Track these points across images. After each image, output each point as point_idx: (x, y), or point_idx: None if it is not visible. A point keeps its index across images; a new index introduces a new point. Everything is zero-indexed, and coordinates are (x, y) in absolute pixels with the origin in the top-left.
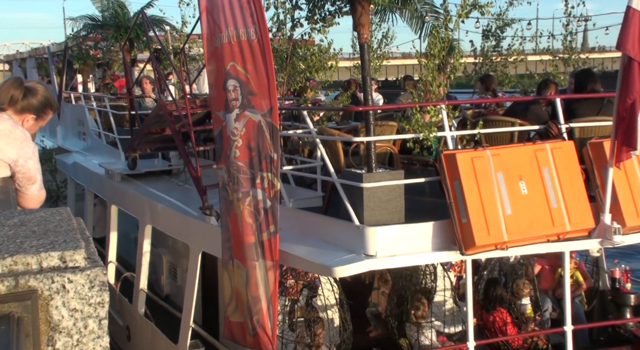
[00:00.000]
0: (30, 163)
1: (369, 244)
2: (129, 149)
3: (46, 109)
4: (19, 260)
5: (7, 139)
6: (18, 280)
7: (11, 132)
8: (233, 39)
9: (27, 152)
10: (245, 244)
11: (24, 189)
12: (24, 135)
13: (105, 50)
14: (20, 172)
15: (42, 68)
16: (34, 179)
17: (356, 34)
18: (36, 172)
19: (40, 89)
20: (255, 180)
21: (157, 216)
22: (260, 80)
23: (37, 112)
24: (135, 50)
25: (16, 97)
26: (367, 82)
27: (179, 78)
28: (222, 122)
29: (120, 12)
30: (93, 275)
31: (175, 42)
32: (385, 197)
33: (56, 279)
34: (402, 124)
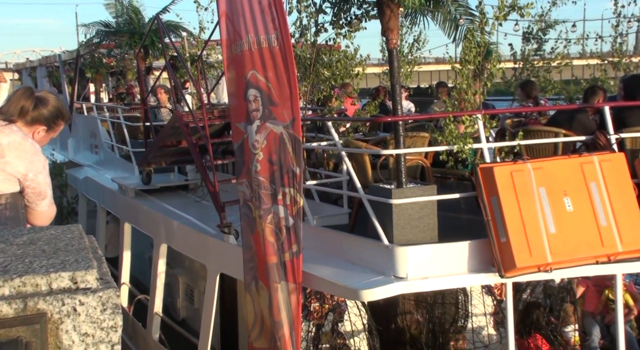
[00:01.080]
0: (40, 177)
1: (399, 265)
2: (143, 162)
3: (57, 119)
4: (27, 281)
5: (16, 152)
6: (27, 303)
7: (21, 145)
8: (253, 45)
9: (37, 165)
10: (268, 264)
11: (33, 204)
12: (34, 148)
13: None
14: (29, 187)
15: (53, 77)
16: (44, 194)
17: (384, 39)
18: (46, 187)
19: (51, 98)
20: (276, 197)
21: (173, 235)
22: (282, 90)
23: (48, 123)
24: (151, 58)
25: (27, 108)
26: (396, 90)
27: (196, 87)
28: (243, 134)
29: (135, 17)
30: (105, 298)
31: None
32: (416, 215)
33: (67, 302)
34: (434, 135)
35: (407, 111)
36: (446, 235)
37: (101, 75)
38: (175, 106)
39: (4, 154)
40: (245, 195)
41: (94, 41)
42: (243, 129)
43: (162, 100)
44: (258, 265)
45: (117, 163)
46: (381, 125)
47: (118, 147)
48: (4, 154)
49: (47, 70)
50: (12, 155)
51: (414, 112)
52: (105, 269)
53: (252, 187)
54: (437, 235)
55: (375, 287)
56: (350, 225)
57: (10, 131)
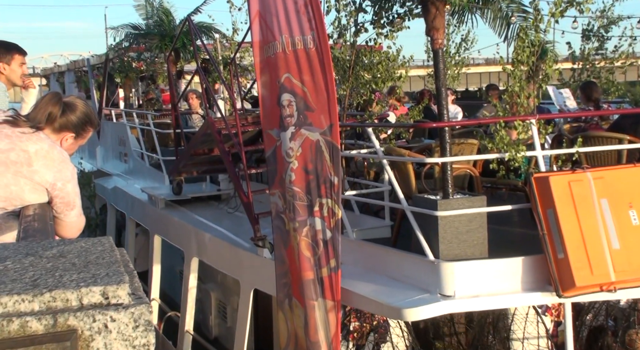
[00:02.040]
0: (69, 186)
1: (445, 283)
2: (173, 171)
3: (86, 126)
4: (57, 296)
5: (44, 160)
6: (57, 319)
7: (48, 153)
8: (288, 47)
9: (65, 174)
10: (304, 280)
11: (62, 215)
12: (62, 155)
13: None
14: (58, 197)
15: (81, 82)
16: (72, 204)
17: (429, 39)
18: (75, 196)
19: (79, 104)
20: (313, 208)
21: (205, 248)
22: (319, 94)
23: (76, 130)
24: (182, 61)
25: (54, 114)
26: (442, 94)
27: (229, 92)
28: (275, 141)
29: (165, 19)
30: (138, 314)
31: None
32: (464, 228)
33: (98, 318)
34: (484, 142)
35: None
36: (497, 250)
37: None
38: (207, 112)
39: (32, 162)
40: (278, 207)
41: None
42: (276, 136)
43: (193, 106)
44: (292, 281)
45: (146, 172)
46: (426, 132)
47: (148, 155)
48: (32, 163)
49: (76, 75)
50: (39, 164)
51: (461, 117)
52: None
53: (286, 198)
54: (487, 250)
55: (420, 306)
56: (393, 239)
57: (38, 138)
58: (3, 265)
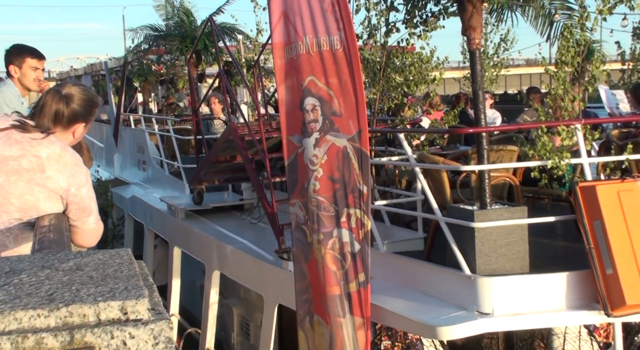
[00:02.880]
0: (83, 191)
1: (483, 299)
2: (194, 180)
3: (92, 110)
4: (74, 311)
5: (57, 165)
6: (73, 335)
7: (61, 157)
8: (312, 48)
9: (79, 178)
10: (328, 296)
11: (79, 222)
12: (75, 159)
13: (169, 65)
14: (73, 203)
15: (98, 86)
16: (89, 209)
17: (466, 39)
18: (91, 201)
19: (76, 92)
20: (340, 219)
21: (226, 261)
22: (347, 98)
23: (85, 117)
24: (203, 64)
25: (62, 112)
26: (479, 97)
27: (252, 96)
28: (296, 148)
29: (186, 20)
30: (158, 330)
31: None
32: (503, 241)
33: (116, 334)
34: (524, 148)
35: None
36: (539, 265)
37: (150, 84)
38: (230, 117)
39: (45, 168)
40: (299, 218)
41: (142, 47)
42: (297, 142)
43: (215, 111)
44: (314, 298)
45: (166, 181)
46: (462, 138)
47: (167, 163)
48: (45, 169)
49: (93, 79)
50: (52, 169)
51: (500, 122)
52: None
53: (308, 209)
54: (528, 265)
55: (456, 324)
56: (426, 252)
57: (49, 142)
58: (18, 279)
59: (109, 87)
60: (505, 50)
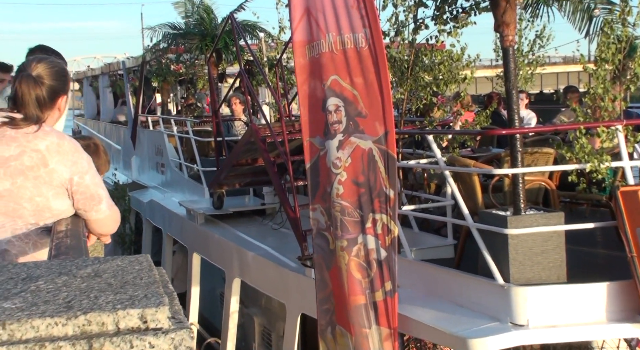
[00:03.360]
0: (87, 178)
1: (517, 310)
2: (214, 184)
3: (66, 79)
4: (93, 319)
5: (58, 156)
6: (92, 344)
7: (60, 146)
8: (335, 46)
9: (81, 165)
10: (352, 306)
11: (92, 213)
12: (74, 145)
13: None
14: (77, 193)
15: (116, 86)
16: (97, 197)
17: (499, 36)
18: (97, 187)
19: (41, 68)
20: (365, 225)
21: (247, 268)
22: (372, 98)
23: (63, 89)
24: (224, 63)
25: (41, 95)
26: (513, 97)
27: (274, 96)
28: (318, 150)
29: (207, 17)
30: (178, 340)
31: (270, 52)
32: (539, 248)
33: (136, 343)
34: (561, 151)
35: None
36: (577, 274)
37: (169, 84)
38: (251, 118)
39: (47, 161)
40: (320, 224)
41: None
42: (318, 144)
43: (236, 112)
44: (336, 307)
45: (185, 184)
46: (494, 140)
47: (186, 165)
48: (47, 162)
49: (110, 79)
50: (54, 161)
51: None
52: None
53: (331, 214)
54: (565, 273)
55: (488, 336)
56: (457, 260)
57: (45, 133)
58: (35, 286)
59: (126, 88)
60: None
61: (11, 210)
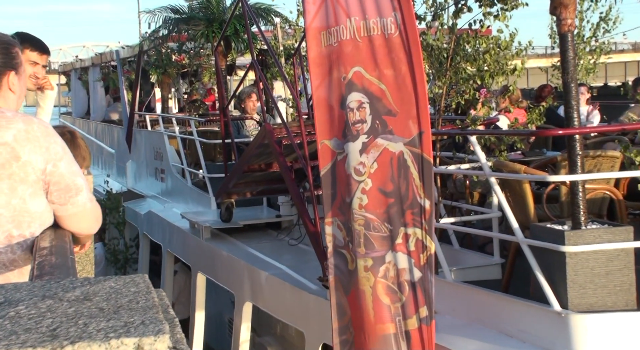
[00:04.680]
0: (61, 166)
1: (576, 342)
2: (222, 192)
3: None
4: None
5: (29, 144)
6: None
7: (28, 132)
8: (358, 33)
9: (54, 150)
10: (379, 335)
11: (67, 206)
12: (44, 128)
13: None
14: (52, 183)
15: (108, 80)
16: (74, 187)
17: (555, 19)
18: (73, 176)
19: None
20: (394, 240)
21: (260, 290)
22: (404, 93)
23: (9, 65)
24: (233, 53)
25: None
26: (571, 90)
27: (292, 91)
28: (335, 154)
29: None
30: None
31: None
32: (602, 269)
33: None
34: (630, 154)
35: (588, 121)
36: None
37: (170, 77)
38: (265, 117)
39: (18, 154)
40: (337, 240)
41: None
42: (335, 147)
43: (249, 109)
44: (356, 337)
45: (188, 193)
46: (549, 141)
47: (190, 171)
48: (18, 154)
49: (102, 72)
50: (26, 151)
51: (598, 122)
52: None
53: (350, 228)
54: (635, 299)
55: None
56: (504, 282)
57: (7, 121)
58: (15, 311)
59: (120, 82)
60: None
61: None
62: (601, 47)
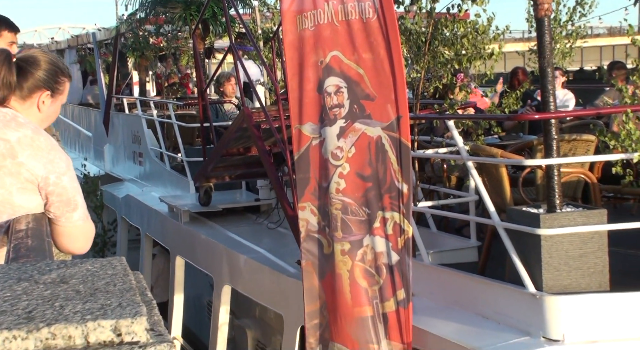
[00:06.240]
0: (65, 180)
1: (551, 323)
2: (200, 176)
3: (58, 77)
4: (58, 332)
5: (30, 150)
6: None
7: (34, 140)
8: (336, 17)
9: (59, 165)
10: (356, 318)
11: (63, 219)
12: (50, 143)
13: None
14: (54, 194)
15: (85, 63)
16: (74, 202)
17: (532, 3)
18: (75, 192)
19: (39, 54)
20: (372, 224)
21: (239, 273)
22: (382, 78)
23: (49, 85)
24: (211, 36)
25: (6, 79)
26: (548, 75)
27: (270, 75)
28: (309, 139)
29: None
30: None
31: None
32: (577, 251)
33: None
34: (604, 138)
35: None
36: (622, 281)
37: (147, 60)
38: (243, 101)
39: (16, 153)
40: (310, 225)
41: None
42: (310, 132)
43: (228, 93)
44: (331, 321)
45: (166, 177)
46: (525, 125)
47: (168, 155)
48: (16, 154)
49: (78, 55)
50: (25, 154)
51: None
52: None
53: (327, 213)
54: (608, 280)
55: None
56: (481, 265)
57: (18, 124)
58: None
59: (97, 64)
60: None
61: None
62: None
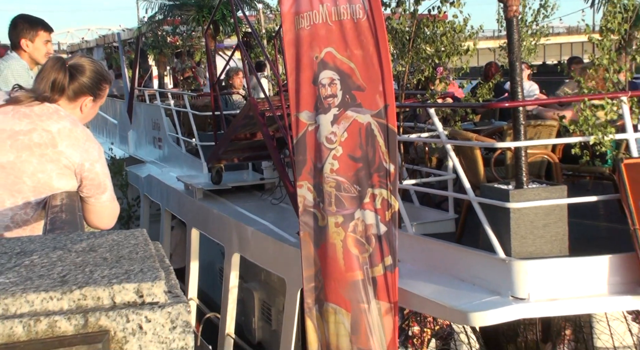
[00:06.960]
0: (97, 167)
1: (518, 284)
2: (212, 158)
3: (101, 84)
4: (88, 293)
5: (68, 140)
6: (87, 319)
7: (72, 132)
8: (330, 18)
9: (92, 154)
10: (349, 282)
11: (93, 199)
12: (86, 134)
13: (185, 37)
14: (87, 179)
15: (111, 59)
16: (103, 186)
17: (502, 5)
18: (105, 177)
19: (86, 63)
20: (362, 200)
21: (247, 243)
22: (371, 71)
23: (93, 91)
24: (221, 36)
25: (60, 82)
26: (516, 68)
27: (273, 69)
28: (305, 125)
29: None
30: (175, 314)
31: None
32: (541, 222)
33: (132, 318)
34: (565, 123)
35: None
36: (579, 247)
37: (165, 56)
38: (249, 92)
39: (56, 143)
40: (307, 201)
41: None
42: (307, 119)
43: (236, 85)
44: (325, 285)
45: (183, 159)
46: (496, 112)
47: (184, 140)
48: (56, 143)
49: (105, 52)
50: (64, 144)
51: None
52: (174, 281)
53: (321, 190)
54: (567, 247)
55: (489, 310)
56: (458, 234)
57: (59, 117)
58: (29, 260)
59: (122, 60)
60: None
61: (10, 183)
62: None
